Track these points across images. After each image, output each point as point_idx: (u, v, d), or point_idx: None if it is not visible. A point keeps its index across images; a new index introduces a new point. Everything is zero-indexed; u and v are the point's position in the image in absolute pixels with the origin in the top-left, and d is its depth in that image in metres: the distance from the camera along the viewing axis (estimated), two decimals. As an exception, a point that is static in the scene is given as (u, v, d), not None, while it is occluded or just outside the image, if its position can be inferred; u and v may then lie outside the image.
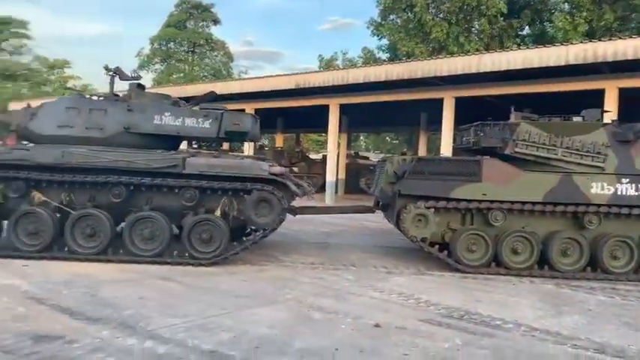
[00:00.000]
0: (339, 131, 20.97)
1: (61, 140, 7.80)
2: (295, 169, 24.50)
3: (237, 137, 8.86)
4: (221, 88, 21.50)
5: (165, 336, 4.43)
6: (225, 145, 26.87)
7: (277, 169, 7.86)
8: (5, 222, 7.57)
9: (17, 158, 7.45)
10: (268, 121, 24.95)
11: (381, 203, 9.15)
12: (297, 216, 9.19)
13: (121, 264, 7.25)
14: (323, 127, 27.88)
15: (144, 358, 3.97)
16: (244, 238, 8.05)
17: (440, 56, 18.17)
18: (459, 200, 7.63)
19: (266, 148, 27.11)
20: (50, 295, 5.52)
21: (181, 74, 42.23)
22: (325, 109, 19.57)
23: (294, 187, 7.83)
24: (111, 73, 8.43)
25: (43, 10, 79.58)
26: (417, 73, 15.55)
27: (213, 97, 9.52)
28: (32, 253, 7.32)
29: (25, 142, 8.38)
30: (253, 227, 8.14)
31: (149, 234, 7.47)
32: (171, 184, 7.50)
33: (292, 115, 24.96)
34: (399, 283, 6.89)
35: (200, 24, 44.21)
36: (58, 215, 7.57)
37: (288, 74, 19.31)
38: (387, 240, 10.66)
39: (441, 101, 16.59)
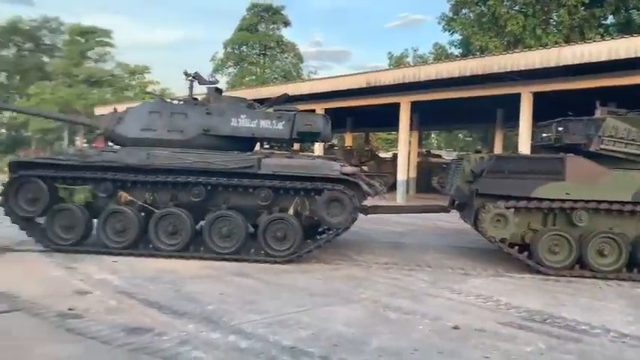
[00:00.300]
0: (410, 129, 20.70)
1: (145, 143, 8.18)
2: (365, 168, 24.50)
3: (309, 138, 8.99)
4: (292, 89, 21.85)
5: (247, 331, 4.58)
6: (296, 146, 27.27)
7: (349, 168, 7.89)
8: (95, 220, 8.06)
9: (106, 160, 7.90)
10: (337, 120, 24.95)
11: (456, 202, 8.95)
12: (368, 215, 9.18)
13: (201, 261, 7.55)
14: (393, 126, 27.69)
15: (228, 352, 4.11)
16: (318, 237, 8.15)
17: (516, 50, 17.52)
18: (540, 200, 7.33)
19: (335, 148, 27.21)
20: (139, 290, 5.84)
21: (253, 77, 43.23)
22: (395, 107, 19.40)
23: (365, 187, 7.82)
24: (190, 78, 8.77)
25: (123, 18, 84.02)
26: (492, 68, 15.10)
27: (285, 99, 9.69)
28: (120, 249, 7.76)
29: (111, 145, 8.89)
30: (326, 226, 8.22)
31: (227, 232, 7.71)
32: (247, 184, 7.70)
33: (361, 114, 24.93)
34: (476, 285, 6.73)
35: (271, 27, 45.07)
36: (142, 214, 7.98)
37: (358, 73, 19.30)
38: (462, 240, 10.43)
39: (517, 97, 16.02)
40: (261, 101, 9.68)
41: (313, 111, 21.64)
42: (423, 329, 4.86)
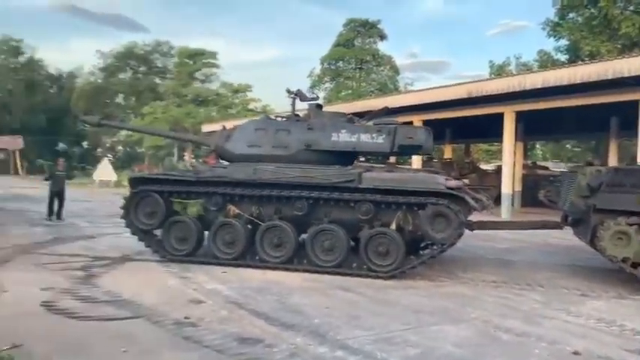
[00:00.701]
0: (514, 140, 19.79)
1: (252, 158, 8.45)
2: (466, 181, 23.76)
3: (410, 151, 8.85)
4: (390, 102, 21.77)
5: (353, 347, 4.57)
6: (392, 158, 27.04)
7: (454, 182, 7.65)
8: (206, 232, 8.47)
9: (216, 175, 8.30)
10: (436, 131, 24.48)
11: (570, 218, 8.39)
12: (474, 231, 8.86)
13: (305, 273, 7.66)
14: (494, 136, 26.71)
15: (336, 367, 4.12)
16: (421, 252, 7.97)
17: (633, 53, 16.24)
18: None
19: (434, 160, 26.66)
20: (247, 301, 6.04)
21: (349, 91, 43.63)
22: (496, 117, 18.67)
23: (472, 201, 7.54)
24: (292, 95, 9.01)
25: (227, 40, 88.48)
26: (606, 74, 14.07)
27: (386, 112, 9.60)
28: (229, 260, 8.09)
29: (221, 161, 9.32)
30: (429, 242, 8.02)
31: (329, 245, 7.77)
32: (348, 198, 7.70)
33: (461, 124, 24.23)
34: (596, 307, 6.25)
35: (367, 41, 45.32)
36: (249, 227, 8.27)
37: (459, 83, 18.80)
38: (575, 258, 9.75)
39: (635, 104, 14.80)
40: (361, 115, 9.69)
41: (411, 123, 21.48)
42: (540, 353, 4.58)
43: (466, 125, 24.36)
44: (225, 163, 9.01)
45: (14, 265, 7.75)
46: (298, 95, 9.04)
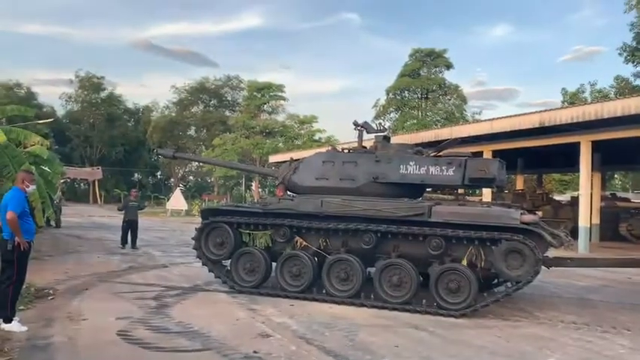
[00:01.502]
0: (591, 170, 18.86)
1: (319, 191, 8.48)
2: (540, 213, 22.77)
3: (482, 184, 8.52)
4: (456, 132, 21.40)
5: (425, 390, 4.39)
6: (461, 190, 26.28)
7: (529, 217, 7.33)
8: (274, 264, 8.53)
9: (285, 207, 8.36)
10: (507, 162, 23.80)
11: None
12: (550, 268, 8.39)
13: (374, 309, 7.51)
14: (568, 167, 25.60)
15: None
16: (495, 290, 7.62)
17: None
18: None
19: (506, 192, 25.81)
20: (315, 336, 5.97)
21: (414, 121, 43.33)
22: (570, 146, 17.89)
23: (549, 237, 7.18)
24: (359, 127, 9.00)
25: (294, 73, 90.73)
26: (692, 101, 13.22)
27: (457, 143, 9.33)
28: (296, 293, 8.07)
29: (290, 193, 9.42)
30: (503, 279, 7.66)
31: (397, 281, 7.59)
32: (417, 232, 7.51)
33: (533, 154, 23.41)
34: (692, 355, 5.72)
35: (433, 70, 45.06)
36: (316, 259, 8.24)
37: (531, 112, 18.21)
38: (666, 299, 9.02)
39: None
40: (430, 145, 9.52)
41: (481, 153, 20.98)
42: (631, 406, 4.22)
43: (538, 155, 23.51)
44: (293, 194, 9.09)
45: (93, 293, 8.10)
46: (365, 127, 9.03)
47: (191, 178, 64.50)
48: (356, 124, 9.02)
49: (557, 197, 29.73)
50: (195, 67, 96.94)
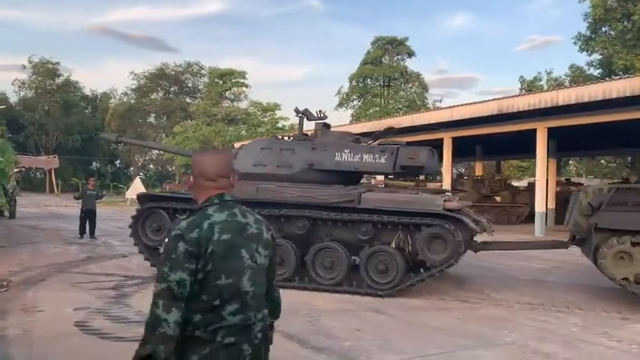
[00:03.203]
0: (547, 156, 19.42)
1: (257, 177, 8.53)
2: (498, 198, 23.32)
3: (412, 171, 8.87)
4: (418, 119, 21.67)
5: (386, 372, 4.47)
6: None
7: (452, 204, 7.52)
8: None
9: None
10: (466, 148, 24.29)
11: (576, 238, 8.17)
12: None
13: (336, 294, 7.58)
14: (526, 153, 26.28)
15: (369, 393, 4.03)
16: (421, 270, 7.74)
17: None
18: None
19: (465, 177, 26.32)
20: (278, 322, 5.95)
21: (377, 108, 43.63)
22: (528, 133, 18.39)
23: (471, 224, 7.40)
24: (300, 114, 9.10)
25: (255, 59, 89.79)
26: (642, 89, 13.73)
27: (392, 133, 9.62)
28: None
29: None
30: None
31: (329, 263, 7.80)
32: (347, 218, 7.71)
33: (492, 141, 23.93)
34: (638, 331, 6.00)
35: (395, 58, 45.39)
36: None
37: (489, 100, 18.61)
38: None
39: (674, 118, 14.39)
40: (369, 134, 9.65)
41: (441, 140, 21.32)
42: (581, 381, 4.40)
43: (497, 141, 24.05)
44: None
45: (49, 284, 7.88)
46: (305, 114, 9.10)
47: (151, 166, 63.30)
48: (297, 111, 9.10)
49: (515, 183, 30.52)
50: (154, 53, 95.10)
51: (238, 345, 1.97)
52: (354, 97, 45.86)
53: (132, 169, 59.54)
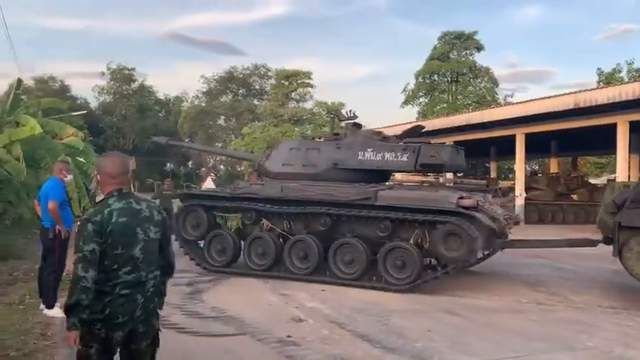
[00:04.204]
0: (629, 152, 18.31)
1: (284, 176, 8.92)
2: (575, 196, 22.28)
3: (433, 169, 8.96)
4: (487, 115, 21.07)
5: (459, 374, 4.38)
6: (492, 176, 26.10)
7: (467, 201, 7.45)
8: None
9: (249, 192, 8.85)
10: (540, 144, 23.34)
11: (603, 236, 7.73)
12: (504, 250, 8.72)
13: (408, 294, 7.51)
14: (604, 148, 24.87)
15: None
16: (438, 267, 7.90)
17: None
18: None
19: (539, 175, 25.33)
20: (348, 321, 6.01)
21: (444, 105, 42.74)
22: (607, 128, 17.41)
23: (486, 221, 7.31)
24: (331, 115, 9.34)
25: (322, 60, 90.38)
26: None
27: (419, 131, 9.71)
28: (260, 271, 8.53)
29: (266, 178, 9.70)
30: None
31: (349, 259, 8.00)
32: (365, 214, 7.87)
33: (568, 136, 22.86)
34: None
35: (463, 53, 44.26)
36: (280, 240, 8.64)
37: (565, 93, 17.78)
38: None
39: None
40: (407, 132, 9.71)
41: (513, 137, 20.63)
42: (672, 391, 4.13)
43: (573, 137, 22.96)
44: (265, 180, 9.56)
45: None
46: (337, 115, 9.33)
47: (222, 167, 65.18)
48: (328, 112, 9.51)
49: (592, 180, 29.02)
50: (223, 57, 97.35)
51: (132, 295, 2.73)
52: (420, 93, 45.09)
53: (203, 169, 61.50)
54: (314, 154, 8.91)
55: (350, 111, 9.49)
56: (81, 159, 13.94)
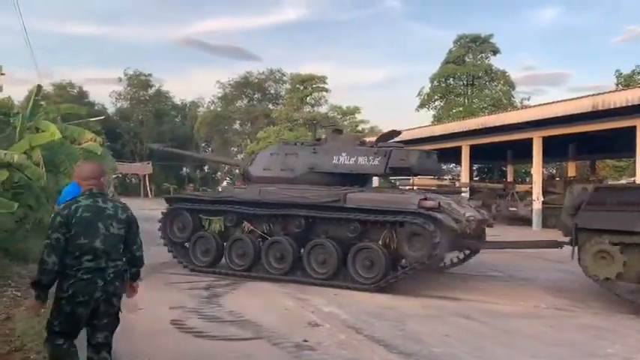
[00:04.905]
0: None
1: (264, 180, 9.28)
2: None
3: (401, 172, 9.45)
4: (505, 118, 20.91)
5: (478, 380, 4.34)
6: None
7: (429, 202, 7.69)
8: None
9: (230, 196, 9.35)
10: (557, 148, 23.08)
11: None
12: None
13: (423, 299, 7.49)
14: (623, 152, 24.49)
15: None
16: (401, 268, 8.15)
17: None
18: None
19: (557, 179, 25.05)
20: (365, 326, 5.99)
21: (460, 108, 42.49)
22: (626, 130, 17.16)
23: (448, 221, 7.51)
24: (313, 122, 9.58)
25: (336, 64, 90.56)
26: None
27: (394, 136, 10.12)
28: (239, 271, 8.85)
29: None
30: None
31: (322, 259, 8.26)
32: (334, 216, 8.17)
33: (585, 140, 22.58)
34: None
35: (479, 56, 44.01)
36: (260, 241, 8.89)
37: (583, 96, 17.57)
38: None
39: None
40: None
41: (530, 140, 20.44)
42: (697, 399, 4.04)
43: (592, 140, 22.67)
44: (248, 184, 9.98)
45: (147, 284, 8.28)
46: (318, 121, 9.69)
47: (237, 171, 65.41)
48: (311, 121, 9.76)
49: (612, 183, 28.58)
50: (238, 62, 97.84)
51: (93, 279, 3.27)
52: (435, 97, 44.90)
53: (219, 173, 61.85)
54: (292, 158, 9.28)
55: (332, 117, 10.24)
56: (99, 164, 14.10)
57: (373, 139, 10.56)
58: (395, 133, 10.29)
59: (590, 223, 7.00)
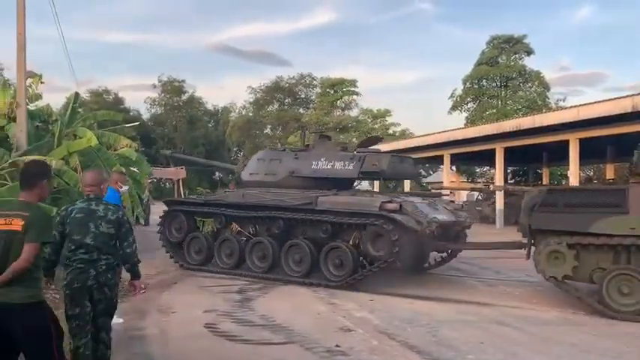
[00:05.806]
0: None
1: (251, 184, 9.92)
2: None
3: (371, 176, 9.93)
4: (540, 120, 20.47)
5: (514, 388, 4.24)
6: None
7: (390, 205, 8.00)
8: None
9: (217, 199, 10.02)
10: (594, 150, 22.47)
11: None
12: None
13: (457, 305, 7.37)
14: (667, 153, 23.64)
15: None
16: (369, 266, 8.33)
17: None
18: (598, 235, 6.63)
19: (594, 181, 24.37)
20: (397, 331, 5.93)
21: (494, 110, 41.82)
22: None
23: (409, 223, 7.78)
24: (301, 129, 9.76)
25: (367, 67, 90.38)
26: None
27: (375, 142, 10.37)
28: (227, 269, 9.40)
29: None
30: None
31: (298, 258, 8.68)
32: (307, 218, 8.58)
33: (625, 141, 21.87)
34: None
35: (512, 57, 43.25)
36: (243, 240, 9.40)
37: (621, 97, 17.06)
38: None
39: None
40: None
41: (566, 142, 19.96)
42: None
43: (631, 142, 21.96)
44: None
45: (180, 287, 8.49)
46: (306, 127, 9.94)
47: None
48: (301, 127, 10.02)
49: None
50: (269, 67, 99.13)
51: (86, 268, 3.81)
52: (468, 99, 44.29)
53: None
54: (275, 164, 9.78)
55: (321, 125, 10.57)
56: (134, 169, 14.34)
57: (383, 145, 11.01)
58: (376, 139, 10.65)
59: (542, 224, 7.16)
